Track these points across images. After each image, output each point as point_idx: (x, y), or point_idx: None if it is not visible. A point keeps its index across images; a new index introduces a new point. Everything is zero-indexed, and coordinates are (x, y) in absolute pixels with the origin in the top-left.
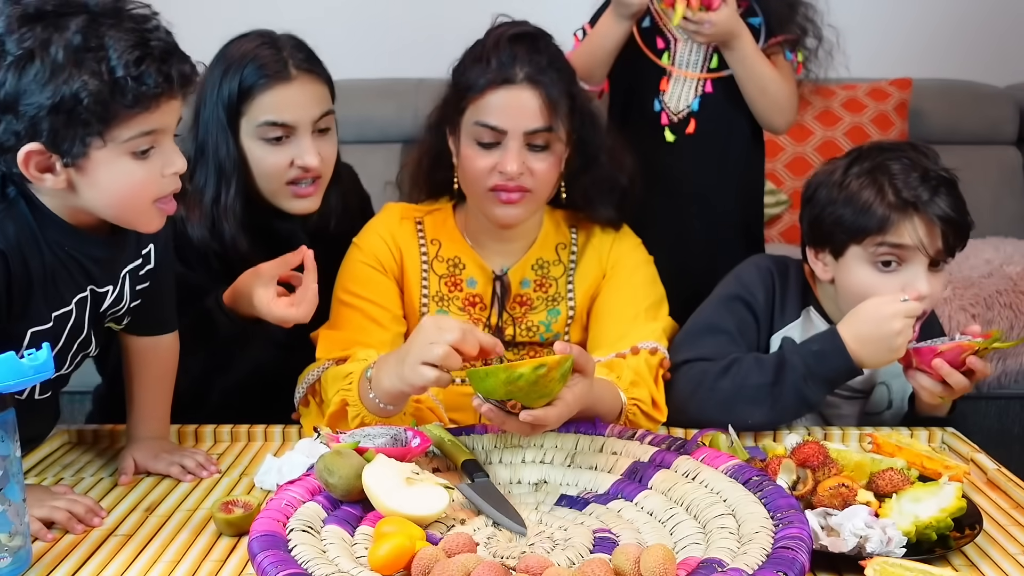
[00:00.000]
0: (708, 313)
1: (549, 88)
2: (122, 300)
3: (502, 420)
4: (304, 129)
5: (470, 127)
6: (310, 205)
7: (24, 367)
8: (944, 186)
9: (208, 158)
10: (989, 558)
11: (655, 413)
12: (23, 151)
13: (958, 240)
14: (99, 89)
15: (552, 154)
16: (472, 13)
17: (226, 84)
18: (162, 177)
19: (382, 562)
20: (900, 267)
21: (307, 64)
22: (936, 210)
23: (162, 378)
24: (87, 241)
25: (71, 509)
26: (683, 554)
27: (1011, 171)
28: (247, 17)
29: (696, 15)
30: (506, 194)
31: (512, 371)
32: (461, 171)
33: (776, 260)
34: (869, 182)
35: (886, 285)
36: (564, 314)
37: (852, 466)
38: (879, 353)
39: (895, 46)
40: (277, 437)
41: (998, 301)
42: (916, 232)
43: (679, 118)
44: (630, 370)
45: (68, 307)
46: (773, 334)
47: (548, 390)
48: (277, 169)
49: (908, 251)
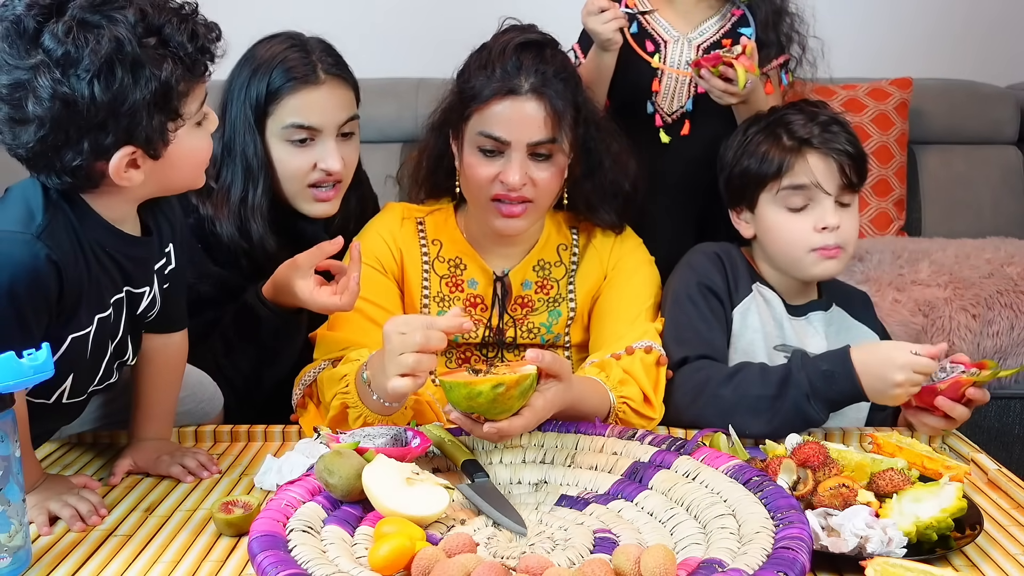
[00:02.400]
0: (685, 307)
1: (554, 100)
2: (155, 302)
3: (469, 427)
4: (329, 133)
5: (474, 135)
6: (329, 209)
7: (24, 367)
8: (835, 124)
9: (235, 157)
10: (990, 558)
11: (647, 410)
12: (119, 155)
13: (856, 173)
14: (182, 72)
15: (555, 164)
16: (473, 13)
17: (254, 85)
18: (211, 139)
19: (382, 562)
20: (808, 207)
21: (336, 69)
22: (829, 145)
23: (170, 377)
24: (125, 241)
25: (77, 507)
26: (683, 554)
27: (1011, 171)
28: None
29: (753, 81)
30: (507, 207)
31: (472, 388)
32: (463, 178)
33: (719, 245)
34: (767, 133)
35: (798, 225)
36: (565, 315)
37: (853, 466)
38: (876, 390)
39: (895, 46)
40: (277, 437)
41: (998, 301)
42: (813, 170)
43: (673, 119)
44: (620, 369)
45: (107, 311)
46: (733, 310)
47: (508, 406)
48: (300, 171)
49: (811, 190)
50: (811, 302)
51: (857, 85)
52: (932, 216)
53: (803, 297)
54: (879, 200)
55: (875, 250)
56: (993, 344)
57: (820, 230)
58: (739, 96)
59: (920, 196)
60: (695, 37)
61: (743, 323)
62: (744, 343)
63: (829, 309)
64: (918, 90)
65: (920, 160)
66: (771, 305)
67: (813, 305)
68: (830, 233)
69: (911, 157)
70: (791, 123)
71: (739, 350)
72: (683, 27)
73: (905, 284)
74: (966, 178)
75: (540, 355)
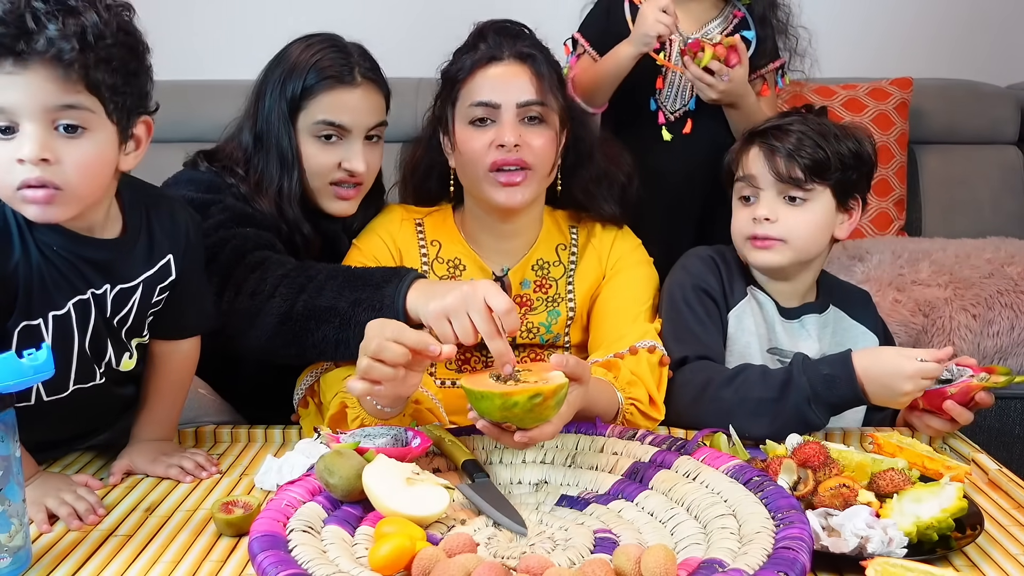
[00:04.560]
0: (681, 309)
1: (538, 63)
2: (130, 308)
3: (497, 435)
4: (357, 134)
5: (464, 110)
6: (348, 208)
7: (24, 367)
8: (794, 124)
9: (270, 148)
10: (990, 558)
11: (653, 412)
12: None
13: (810, 172)
14: None
15: (548, 128)
16: (473, 13)
17: (292, 81)
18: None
19: (382, 562)
20: (752, 198)
21: (371, 74)
22: (766, 140)
23: (176, 383)
24: (80, 242)
25: (75, 505)
26: (684, 554)
27: (1011, 171)
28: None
29: (719, 66)
30: (507, 175)
31: (508, 398)
32: (459, 160)
33: (714, 248)
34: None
35: (742, 215)
36: (564, 315)
37: (853, 466)
38: (882, 397)
39: (895, 46)
40: (277, 437)
41: (998, 301)
42: (752, 163)
43: (676, 117)
44: (627, 370)
45: (63, 310)
46: (728, 312)
47: (544, 416)
48: (324, 167)
49: (750, 180)
50: (806, 305)
51: (857, 85)
52: (932, 216)
53: (797, 300)
54: (879, 200)
55: (875, 250)
56: (993, 344)
57: (752, 220)
58: (715, 90)
59: (920, 196)
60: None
61: (738, 326)
62: (740, 346)
63: (825, 311)
64: (918, 90)
65: (920, 160)
66: (764, 308)
67: (807, 308)
68: (760, 224)
69: (911, 157)
70: (767, 123)
71: (735, 353)
72: (687, 27)
73: (905, 284)
74: (966, 178)
75: (564, 360)
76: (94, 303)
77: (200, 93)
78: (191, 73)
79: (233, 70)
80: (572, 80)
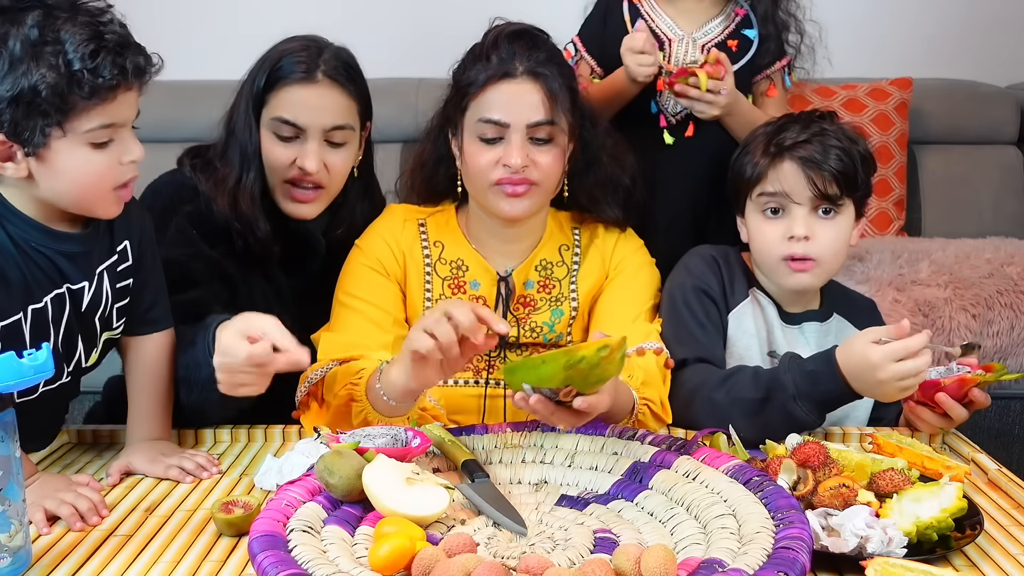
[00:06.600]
0: (680, 310)
1: (550, 81)
2: (102, 300)
3: (551, 411)
4: (313, 133)
5: (473, 124)
6: (307, 211)
7: (24, 367)
8: (820, 135)
9: (236, 140)
10: (990, 558)
11: (663, 414)
12: None
13: (841, 186)
14: (56, 82)
15: (556, 147)
16: (472, 13)
17: (260, 75)
18: (120, 165)
19: (382, 562)
20: (782, 214)
21: (337, 74)
22: (806, 155)
23: (157, 377)
24: (56, 237)
25: (76, 504)
26: (684, 554)
27: (1011, 171)
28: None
29: (716, 84)
30: (512, 187)
31: (573, 355)
32: (465, 169)
33: (716, 248)
34: (763, 138)
35: (771, 230)
36: (567, 314)
37: (853, 466)
38: (867, 390)
39: (895, 46)
40: (277, 437)
41: (998, 301)
42: (786, 178)
43: (677, 120)
44: (641, 370)
45: (40, 304)
46: (729, 313)
47: (607, 374)
48: (279, 164)
49: (783, 197)
50: (808, 311)
51: (857, 85)
52: (932, 216)
53: (800, 305)
54: (879, 200)
55: (875, 250)
56: (993, 344)
57: (788, 239)
58: (717, 106)
59: (920, 196)
60: (700, 36)
61: (738, 327)
62: (740, 348)
63: (827, 320)
64: (918, 90)
65: (920, 160)
66: (765, 311)
67: (809, 315)
68: (799, 243)
69: (911, 157)
70: (784, 130)
71: (735, 355)
72: (688, 26)
73: (905, 284)
74: (966, 178)
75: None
76: (69, 298)
77: (199, 93)
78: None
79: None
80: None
